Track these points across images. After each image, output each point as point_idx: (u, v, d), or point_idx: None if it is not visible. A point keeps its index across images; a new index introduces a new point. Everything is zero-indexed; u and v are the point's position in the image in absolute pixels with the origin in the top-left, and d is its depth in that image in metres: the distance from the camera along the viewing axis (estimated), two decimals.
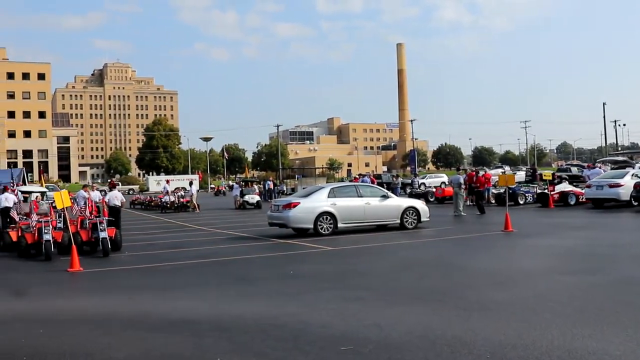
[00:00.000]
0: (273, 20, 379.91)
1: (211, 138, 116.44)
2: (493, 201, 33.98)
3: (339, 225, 20.14)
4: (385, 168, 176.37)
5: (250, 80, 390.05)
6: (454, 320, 7.87)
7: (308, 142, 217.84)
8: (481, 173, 31.42)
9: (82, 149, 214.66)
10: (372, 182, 37.26)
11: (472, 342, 6.77)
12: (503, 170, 64.75)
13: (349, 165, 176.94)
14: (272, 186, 57.37)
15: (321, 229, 19.81)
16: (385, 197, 21.47)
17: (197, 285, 11.75)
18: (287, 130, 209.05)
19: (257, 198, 42.57)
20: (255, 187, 48.16)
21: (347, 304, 9.31)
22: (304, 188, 35.22)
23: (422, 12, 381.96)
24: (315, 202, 20.17)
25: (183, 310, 9.23)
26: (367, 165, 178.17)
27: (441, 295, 9.69)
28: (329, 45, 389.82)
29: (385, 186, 36.64)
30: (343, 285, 11.06)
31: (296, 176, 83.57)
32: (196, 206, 40.38)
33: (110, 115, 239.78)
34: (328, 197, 20.41)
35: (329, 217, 19.98)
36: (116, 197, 22.63)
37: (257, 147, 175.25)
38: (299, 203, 20.13)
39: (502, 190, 33.03)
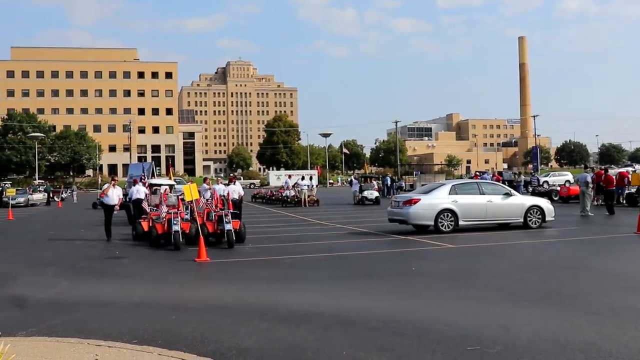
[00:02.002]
0: (391, 16, 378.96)
1: (330, 134, 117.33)
2: (624, 202, 32.23)
3: (460, 222, 19.78)
4: (505, 165, 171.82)
5: (368, 76, 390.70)
6: (585, 326, 7.53)
7: (426, 138, 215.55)
8: (610, 172, 29.91)
9: (206, 144, 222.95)
10: (498, 181, 36.28)
11: (608, 350, 6.46)
12: (633, 169, 61.39)
13: (468, 162, 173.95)
14: (390, 182, 57.23)
15: (442, 226, 19.55)
16: (508, 195, 20.87)
17: (320, 279, 11.91)
18: (405, 127, 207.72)
19: (375, 194, 42.58)
20: (374, 183, 48.07)
21: (471, 303, 9.15)
22: (423, 185, 34.94)
23: (544, 3, 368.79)
24: (436, 199, 19.92)
25: (307, 303, 9.38)
26: (486, 162, 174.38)
27: (569, 299, 9.30)
28: (448, 40, 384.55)
29: (506, 184, 35.64)
30: (466, 284, 10.87)
31: (414, 172, 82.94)
32: (304, 201, 40.75)
33: (232, 111, 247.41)
34: (449, 194, 20.09)
35: (449, 215, 19.68)
36: (234, 190, 23.61)
37: (375, 143, 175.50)
38: (419, 199, 19.95)
39: (634, 190, 31.38)
